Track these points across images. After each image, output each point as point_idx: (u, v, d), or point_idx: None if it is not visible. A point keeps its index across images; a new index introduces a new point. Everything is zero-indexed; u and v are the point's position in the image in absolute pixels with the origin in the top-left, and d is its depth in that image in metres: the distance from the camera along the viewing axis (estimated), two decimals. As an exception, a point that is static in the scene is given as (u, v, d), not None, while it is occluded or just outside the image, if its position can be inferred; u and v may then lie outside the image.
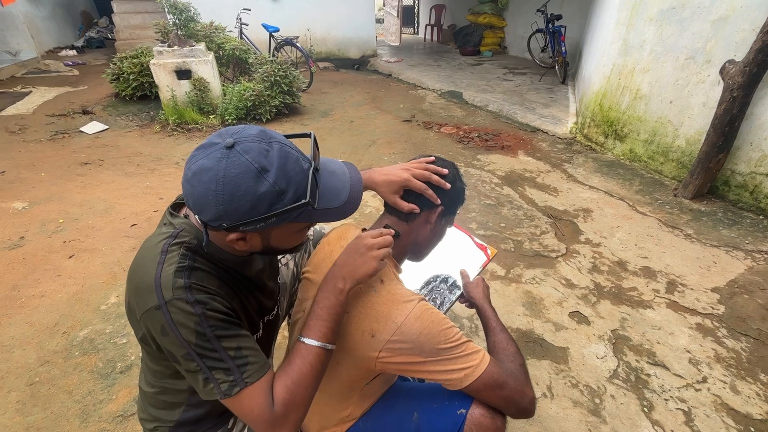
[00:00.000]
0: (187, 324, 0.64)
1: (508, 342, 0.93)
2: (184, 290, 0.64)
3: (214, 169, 0.58)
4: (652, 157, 3.28)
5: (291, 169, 0.62)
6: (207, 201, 0.59)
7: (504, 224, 2.64)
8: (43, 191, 3.04)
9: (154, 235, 0.74)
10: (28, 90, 5.58)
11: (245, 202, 0.59)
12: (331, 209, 0.69)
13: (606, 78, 3.60)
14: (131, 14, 7.69)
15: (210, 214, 0.60)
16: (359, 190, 0.74)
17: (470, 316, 1.88)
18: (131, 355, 1.68)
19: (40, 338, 1.77)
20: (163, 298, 0.64)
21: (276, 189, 0.60)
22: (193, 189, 0.60)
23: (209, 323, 0.65)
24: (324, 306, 0.74)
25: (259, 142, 0.61)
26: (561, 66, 5.79)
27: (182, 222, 0.72)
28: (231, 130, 0.63)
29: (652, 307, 1.96)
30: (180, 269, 0.66)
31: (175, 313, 0.64)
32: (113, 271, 2.20)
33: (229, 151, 0.59)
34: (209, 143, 0.61)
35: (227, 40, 5.25)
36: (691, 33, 2.81)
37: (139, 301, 0.67)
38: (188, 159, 0.62)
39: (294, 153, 0.64)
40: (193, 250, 0.70)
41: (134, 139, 4.14)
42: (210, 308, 0.66)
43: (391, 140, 4.09)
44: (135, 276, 0.69)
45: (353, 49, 8.25)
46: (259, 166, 0.59)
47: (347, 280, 0.75)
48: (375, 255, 0.76)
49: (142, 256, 0.71)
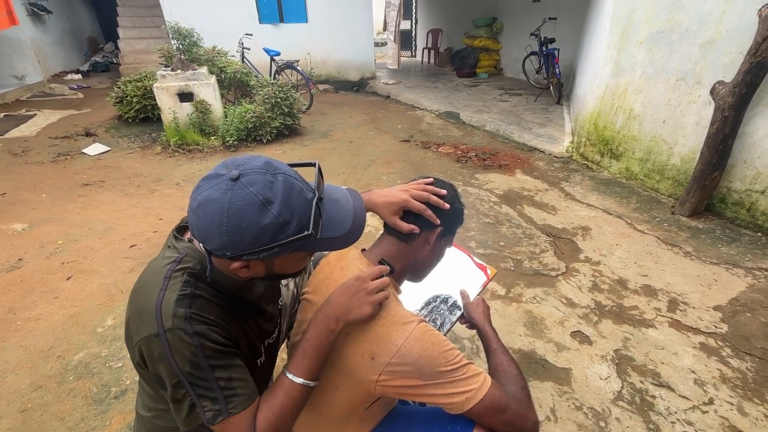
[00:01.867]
0: (183, 353, 0.65)
1: (509, 364, 0.91)
2: (184, 320, 0.65)
3: (219, 200, 0.59)
4: (648, 175, 3.31)
5: (295, 200, 0.63)
6: (211, 232, 0.60)
7: (503, 243, 2.64)
8: (43, 212, 3.05)
9: (158, 258, 0.74)
10: (32, 113, 5.67)
11: (249, 233, 0.60)
12: (334, 238, 0.70)
13: (600, 98, 3.68)
14: (136, 40, 7.91)
15: (214, 244, 0.61)
16: (362, 219, 0.75)
17: (471, 337, 1.86)
18: (126, 380, 1.65)
19: (34, 362, 1.74)
20: (163, 327, 0.64)
21: (280, 221, 0.61)
22: (198, 219, 0.61)
23: (205, 353, 0.66)
24: (313, 345, 0.74)
25: (264, 174, 0.62)
26: (556, 87, 5.92)
27: (186, 246, 0.73)
28: (237, 162, 0.64)
29: (654, 326, 1.94)
30: (182, 297, 0.67)
31: (173, 342, 0.64)
32: (111, 292, 2.19)
33: (234, 183, 0.60)
34: (215, 174, 0.62)
35: (229, 63, 5.38)
36: (680, 55, 2.90)
37: (138, 326, 0.67)
38: (194, 189, 0.63)
39: (298, 184, 0.65)
40: (196, 276, 0.70)
41: (135, 160, 4.19)
42: (208, 339, 0.67)
43: (390, 160, 4.13)
44: (137, 300, 0.70)
45: (352, 71, 8.45)
46: (263, 198, 0.60)
47: (339, 321, 0.75)
48: (372, 300, 0.76)
49: (145, 279, 0.72)
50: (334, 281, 0.90)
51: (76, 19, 9.40)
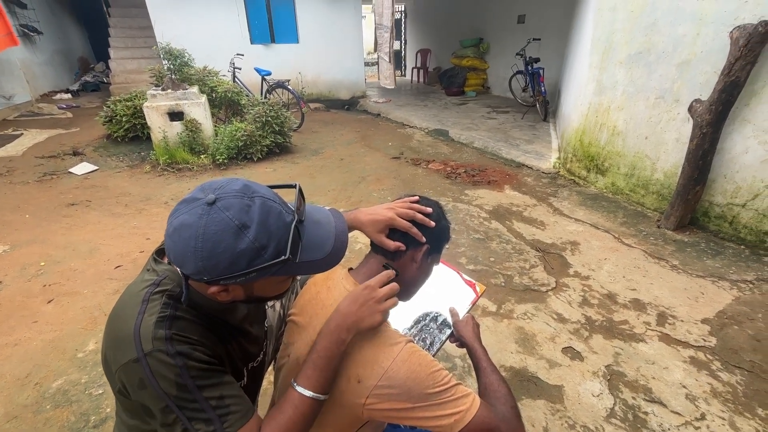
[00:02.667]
0: (167, 376, 0.62)
1: (499, 383, 0.90)
2: (165, 342, 0.63)
3: (194, 225, 0.58)
4: (634, 189, 3.38)
5: (272, 224, 0.61)
6: (187, 257, 0.59)
7: (493, 258, 2.65)
8: (26, 233, 2.99)
9: (136, 282, 0.73)
10: (19, 132, 5.62)
11: (225, 258, 0.59)
12: (314, 261, 0.68)
13: (584, 116, 3.78)
14: (127, 60, 7.96)
15: (190, 269, 0.60)
16: (344, 240, 0.73)
17: (462, 355, 1.84)
18: (107, 407, 1.59)
19: (10, 391, 1.67)
20: (143, 351, 0.62)
21: (256, 245, 0.59)
22: (174, 244, 0.60)
23: (190, 374, 0.63)
24: (323, 356, 0.72)
25: (241, 198, 0.61)
26: (542, 104, 6.07)
27: (166, 269, 0.72)
28: (215, 185, 0.63)
29: (644, 341, 1.94)
30: (161, 319, 0.65)
31: (155, 365, 0.62)
32: (93, 315, 2.13)
33: (210, 207, 0.59)
34: (192, 198, 0.61)
35: (220, 83, 5.43)
36: (658, 75, 3.01)
37: (116, 353, 0.65)
38: (171, 213, 0.62)
39: (277, 207, 0.64)
40: (176, 298, 0.69)
41: (124, 179, 4.15)
42: (191, 358, 0.64)
43: (381, 177, 4.16)
44: (113, 326, 0.68)
45: (343, 90, 8.58)
46: (239, 222, 0.59)
47: (350, 331, 0.73)
48: (382, 308, 0.75)
49: (122, 304, 0.70)
50: (320, 302, 0.89)
51: (68, 39, 9.44)
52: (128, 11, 8.50)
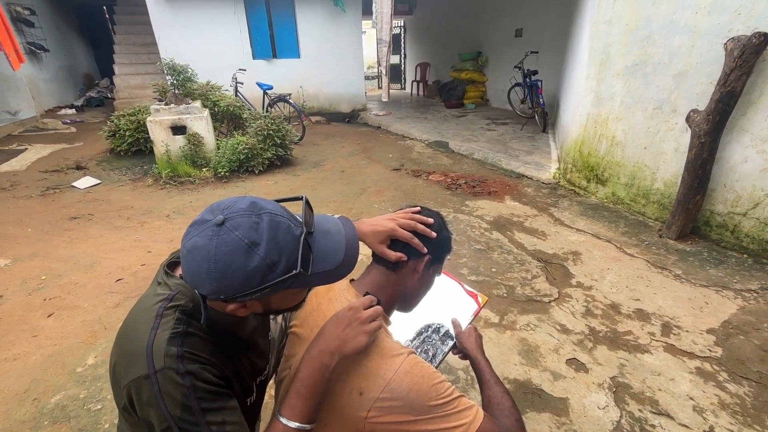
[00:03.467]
0: (174, 395, 0.62)
1: (503, 395, 0.89)
2: (176, 359, 0.63)
3: (206, 247, 0.59)
4: (634, 199, 3.39)
5: (282, 239, 0.62)
6: (201, 278, 0.60)
7: (495, 269, 2.64)
8: (27, 247, 2.99)
9: (148, 295, 0.72)
10: (23, 147, 5.68)
11: (238, 277, 0.59)
12: (326, 271, 0.68)
13: (583, 126, 3.81)
14: (131, 75, 8.08)
15: (206, 289, 0.61)
16: (355, 249, 0.73)
17: (465, 367, 1.82)
18: (105, 423, 1.57)
19: (8, 407, 1.65)
20: (154, 367, 0.62)
21: (267, 262, 0.60)
22: (188, 266, 0.61)
23: (197, 395, 0.63)
24: (307, 384, 0.71)
25: (249, 216, 0.61)
26: (540, 116, 6.13)
27: (178, 283, 0.72)
28: (222, 205, 0.64)
29: (649, 352, 1.92)
30: (174, 335, 0.65)
31: (164, 383, 0.62)
32: (93, 329, 2.11)
33: (219, 228, 0.59)
34: (201, 220, 0.62)
35: (222, 97, 5.50)
36: (655, 86, 3.04)
37: (127, 368, 0.64)
38: (183, 235, 0.63)
39: (285, 221, 0.64)
40: (188, 313, 0.69)
41: (126, 192, 4.17)
42: (200, 379, 0.64)
43: (381, 188, 4.18)
44: (126, 340, 0.67)
45: (344, 104, 8.68)
46: (249, 241, 0.59)
47: (334, 356, 0.72)
48: (367, 329, 0.74)
49: (134, 318, 0.69)
50: (322, 313, 0.89)
51: (73, 56, 9.61)
52: (133, 28, 8.67)
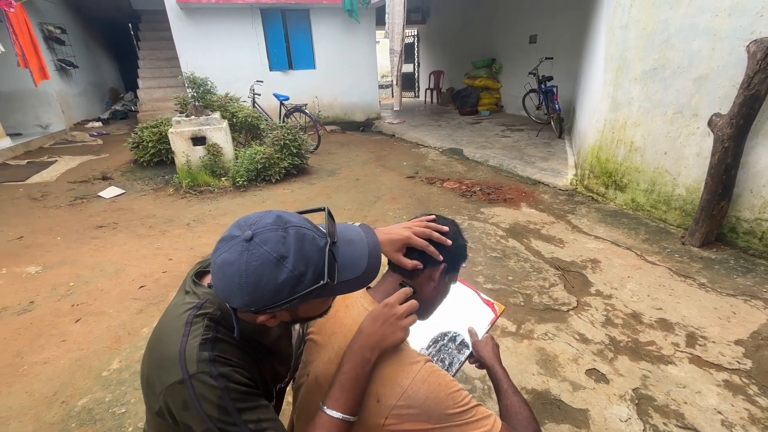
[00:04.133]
0: (209, 398, 0.64)
1: (521, 405, 0.89)
2: (208, 363, 0.66)
3: (236, 263, 0.61)
4: (655, 205, 3.31)
5: (308, 250, 0.64)
6: (233, 292, 0.62)
7: (512, 277, 2.61)
8: (57, 255, 3.12)
9: (176, 304, 0.75)
10: (53, 159, 5.94)
11: (268, 290, 0.61)
12: (351, 280, 0.70)
13: (600, 132, 3.76)
14: (154, 89, 8.39)
15: (237, 303, 0.63)
16: (377, 256, 0.74)
17: (482, 377, 1.80)
18: (129, 426, 1.61)
19: (38, 409, 1.71)
20: (188, 372, 0.65)
21: (296, 274, 0.62)
22: (220, 281, 0.63)
23: (231, 396, 0.66)
24: (350, 377, 0.73)
25: (276, 230, 0.63)
26: (556, 122, 6.07)
27: (206, 292, 0.74)
28: (249, 221, 0.66)
29: (674, 363, 1.86)
30: (204, 341, 0.68)
31: (199, 387, 0.64)
32: (118, 335, 2.18)
33: (248, 243, 0.62)
34: (229, 236, 0.64)
35: (240, 108, 5.66)
36: (674, 90, 2.98)
37: (161, 374, 0.67)
38: (213, 251, 0.66)
39: (310, 233, 0.66)
40: (217, 321, 0.72)
41: (148, 202, 4.31)
42: (232, 381, 0.67)
43: (396, 196, 4.19)
44: (158, 348, 0.70)
45: (358, 112, 8.79)
46: (277, 255, 0.61)
47: (374, 350, 0.74)
48: (403, 324, 0.76)
49: (165, 326, 0.72)
50: (339, 320, 0.90)
51: (100, 71, 10.05)
52: (156, 44, 9.02)
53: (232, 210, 3.98)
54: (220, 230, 3.49)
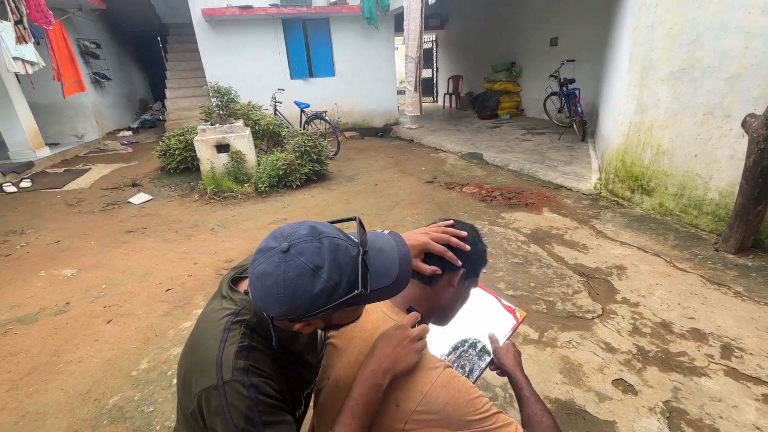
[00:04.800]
0: (239, 407, 0.67)
1: (543, 414, 0.87)
2: (242, 372, 0.68)
3: (274, 274, 0.63)
4: (685, 210, 3.18)
5: (342, 260, 0.65)
6: (271, 302, 0.64)
7: (534, 284, 2.56)
8: (90, 258, 3.27)
9: (214, 309, 0.78)
10: (88, 167, 6.24)
11: (305, 300, 0.63)
12: (383, 288, 0.70)
13: (624, 135, 3.65)
14: (180, 98, 8.72)
15: (275, 312, 0.65)
16: (408, 263, 0.75)
17: (503, 385, 1.77)
18: (156, 425, 1.67)
19: (73, 405, 1.79)
20: (222, 379, 0.67)
21: (331, 284, 0.64)
22: (258, 291, 0.65)
23: (258, 408, 0.68)
24: (361, 403, 0.73)
25: (311, 241, 0.65)
26: (579, 125, 5.93)
27: (242, 299, 0.77)
28: (285, 232, 0.68)
29: (707, 375, 1.77)
30: (240, 349, 0.70)
31: (231, 395, 0.67)
32: (146, 336, 2.26)
33: (285, 255, 0.64)
34: (266, 247, 0.66)
35: (263, 116, 5.80)
36: (705, 90, 2.87)
37: (198, 377, 0.70)
38: (251, 261, 0.68)
39: (343, 243, 0.67)
40: (252, 328, 0.74)
41: (175, 207, 4.46)
42: (262, 392, 0.69)
43: (415, 201, 4.19)
44: (196, 351, 0.73)
45: (377, 119, 8.85)
46: (313, 265, 0.63)
47: (387, 375, 0.74)
48: (416, 348, 0.76)
49: (203, 330, 0.75)
50: (359, 325, 0.91)
51: (131, 83, 10.53)
52: (182, 55, 9.38)
53: (254, 215, 4.08)
54: (242, 235, 3.59)
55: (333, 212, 4.02)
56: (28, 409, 1.79)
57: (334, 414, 0.77)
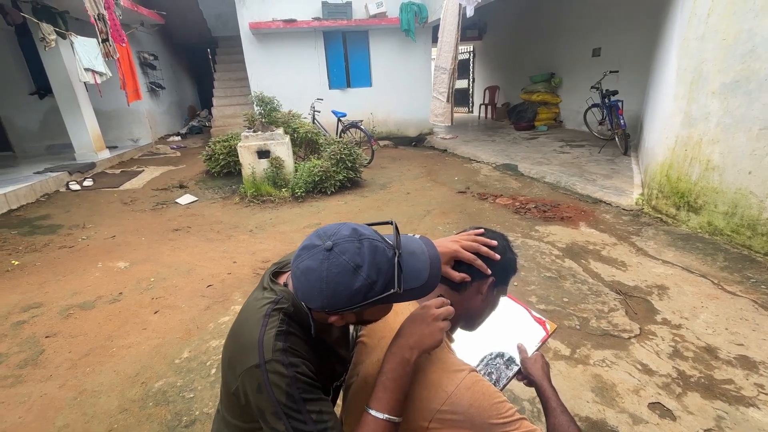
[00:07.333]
0: (279, 384, 0.73)
1: (569, 425, 0.87)
2: (282, 353, 0.75)
3: (318, 270, 0.70)
4: (736, 230, 2.99)
5: (380, 261, 0.71)
6: (314, 295, 0.71)
7: (567, 299, 2.50)
8: (141, 253, 3.53)
9: (256, 298, 0.86)
10: (141, 169, 6.74)
11: (345, 295, 0.70)
12: (414, 289, 0.75)
13: (670, 149, 3.49)
14: (226, 106, 9.23)
15: (316, 304, 0.72)
16: (438, 267, 0.80)
17: (531, 398, 1.74)
18: (195, 410, 1.78)
19: (123, 386, 1.96)
20: (263, 358, 0.74)
21: (369, 282, 0.70)
22: (302, 285, 0.72)
23: (297, 385, 0.74)
24: (392, 377, 0.77)
25: (352, 242, 0.71)
26: (621, 138, 5.71)
27: (282, 290, 0.84)
28: (328, 232, 0.74)
29: (756, 406, 1.66)
30: (279, 333, 0.77)
31: (272, 373, 0.74)
32: (188, 328, 2.42)
33: (329, 253, 0.70)
34: (311, 245, 0.73)
35: (301, 125, 6.04)
36: (761, 104, 2.71)
37: (241, 358, 0.77)
38: (295, 257, 0.75)
39: (381, 245, 0.73)
40: (290, 316, 0.81)
41: (217, 209, 4.73)
42: (299, 372, 0.75)
43: (446, 210, 4.20)
44: (240, 335, 0.81)
45: (411, 128, 8.94)
46: (354, 264, 0.69)
47: (414, 350, 0.78)
48: (441, 326, 0.80)
49: (246, 317, 0.83)
50: (388, 324, 0.96)
51: (182, 91, 11.28)
52: (229, 66, 9.95)
53: (290, 219, 4.24)
54: (278, 237, 3.75)
55: (365, 218, 4.10)
56: (85, 386, 1.97)
57: (362, 408, 0.80)
